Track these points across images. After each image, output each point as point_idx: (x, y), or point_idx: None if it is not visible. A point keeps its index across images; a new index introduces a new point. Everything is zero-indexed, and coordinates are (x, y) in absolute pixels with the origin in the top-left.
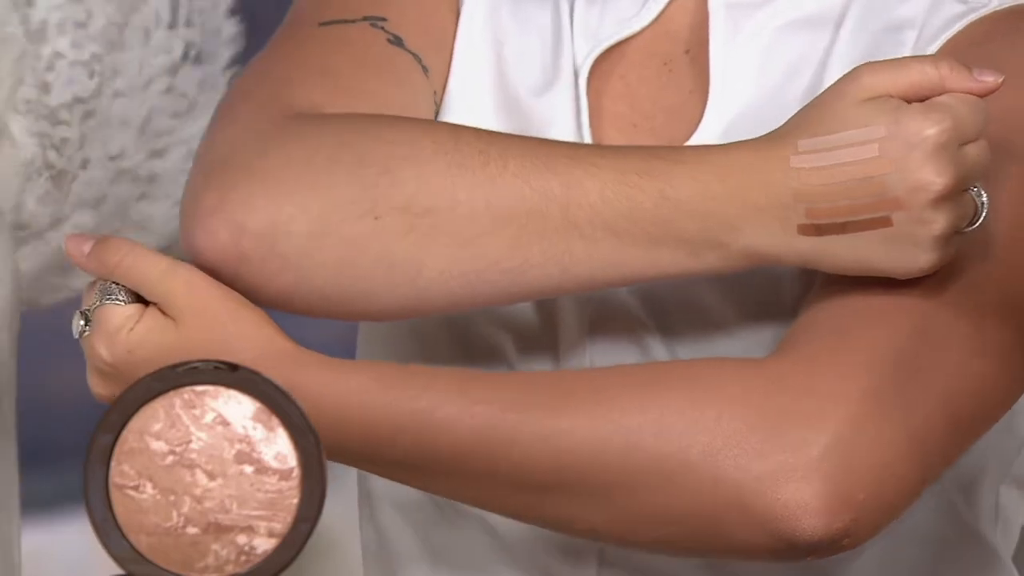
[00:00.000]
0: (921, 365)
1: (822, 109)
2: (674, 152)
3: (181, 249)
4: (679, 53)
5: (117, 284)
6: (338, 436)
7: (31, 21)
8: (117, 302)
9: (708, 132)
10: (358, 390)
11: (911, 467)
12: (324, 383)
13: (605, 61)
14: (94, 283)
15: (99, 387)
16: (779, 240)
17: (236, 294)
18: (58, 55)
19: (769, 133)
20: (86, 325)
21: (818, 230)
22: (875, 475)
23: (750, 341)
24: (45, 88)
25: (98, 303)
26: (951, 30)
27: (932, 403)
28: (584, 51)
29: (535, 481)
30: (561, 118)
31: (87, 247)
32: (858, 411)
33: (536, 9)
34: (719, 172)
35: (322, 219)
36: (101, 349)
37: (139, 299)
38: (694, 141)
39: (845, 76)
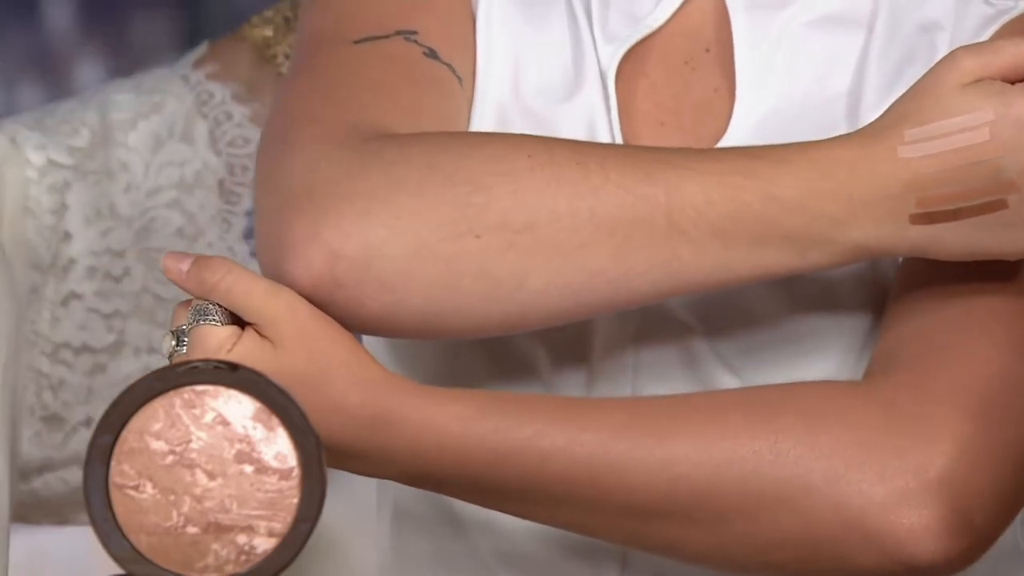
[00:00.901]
0: None
1: (923, 97)
2: (774, 151)
3: None
4: (700, 52)
5: (213, 304)
6: (436, 465)
7: (61, 256)
8: (214, 322)
9: (739, 129)
10: (458, 418)
11: (1020, 482)
12: (422, 411)
13: (626, 61)
14: (187, 303)
15: None
16: (889, 232)
17: (333, 320)
18: (74, 295)
19: (868, 126)
20: (177, 345)
21: (930, 218)
22: (990, 495)
23: (801, 344)
24: (55, 323)
25: (193, 323)
26: (985, 33)
27: None
28: (606, 52)
29: (647, 508)
30: (592, 121)
31: (186, 265)
32: (971, 430)
33: (550, 12)
34: (824, 169)
35: (418, 240)
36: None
37: (234, 319)
38: (726, 139)
39: (942, 62)
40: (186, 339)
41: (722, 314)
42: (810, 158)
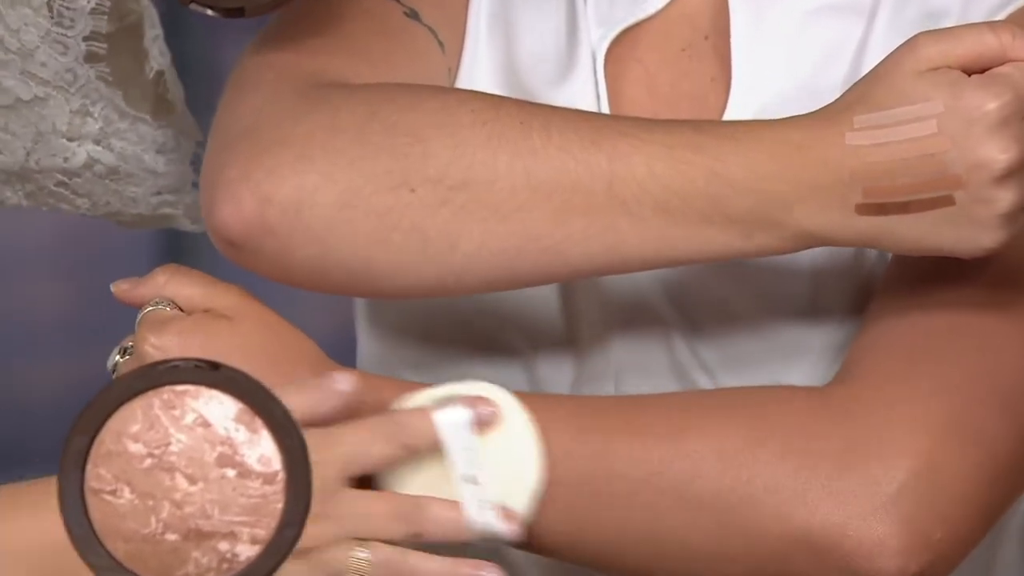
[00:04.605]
0: (996, 388)
1: (879, 82)
2: (724, 127)
3: None
4: (698, 39)
5: (163, 301)
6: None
7: None
8: (163, 308)
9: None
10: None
11: (989, 499)
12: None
13: (620, 45)
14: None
15: None
16: (836, 220)
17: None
18: None
19: (824, 108)
20: (121, 357)
21: (877, 209)
22: (953, 511)
23: (784, 352)
24: None
25: (143, 313)
26: (995, 19)
27: (1009, 428)
28: (597, 34)
29: (576, 504)
30: (581, 105)
31: (134, 281)
32: (933, 443)
33: None
34: (771, 150)
35: (350, 190)
36: (150, 337)
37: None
38: None
39: (902, 46)
40: (131, 350)
41: (699, 308)
42: (758, 137)
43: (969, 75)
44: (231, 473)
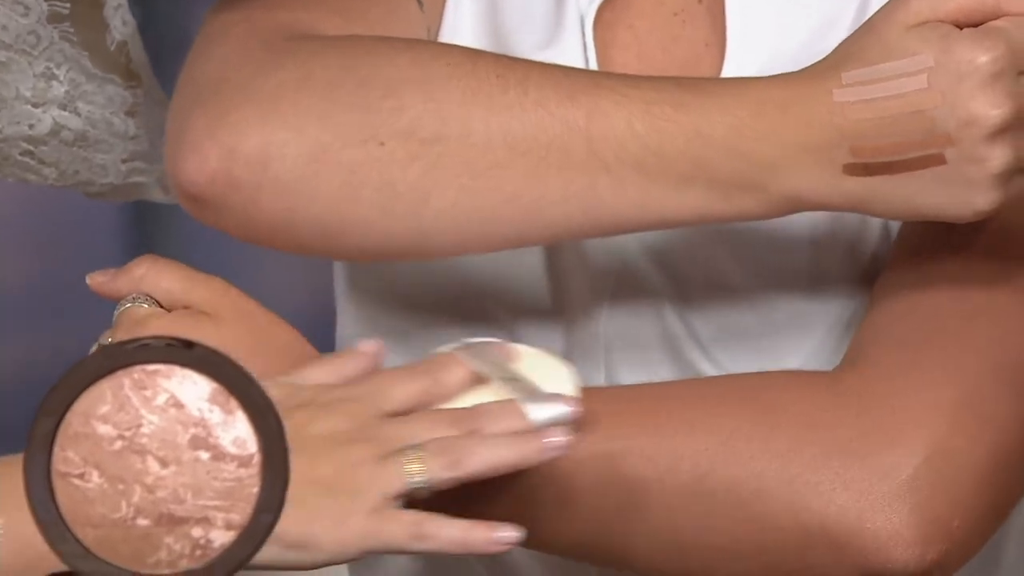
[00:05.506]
0: (1007, 369)
1: (868, 37)
2: (709, 85)
3: None
4: (691, 3)
5: (142, 295)
6: None
7: None
8: (141, 304)
9: None
10: None
11: (1004, 484)
12: None
13: (610, 9)
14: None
15: None
16: (823, 182)
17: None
18: None
19: (813, 64)
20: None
21: (866, 170)
22: (970, 498)
23: (781, 324)
24: None
25: (120, 310)
26: None
27: (1021, 409)
28: None
29: (594, 506)
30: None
31: (111, 273)
32: (947, 428)
33: None
34: (755, 108)
35: (320, 143)
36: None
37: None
38: None
39: (892, 0)
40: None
41: (692, 280)
42: (741, 94)
43: (962, 29)
44: (205, 456)
